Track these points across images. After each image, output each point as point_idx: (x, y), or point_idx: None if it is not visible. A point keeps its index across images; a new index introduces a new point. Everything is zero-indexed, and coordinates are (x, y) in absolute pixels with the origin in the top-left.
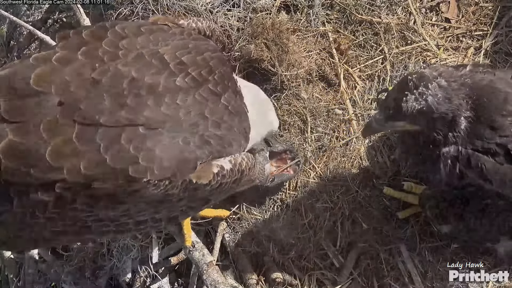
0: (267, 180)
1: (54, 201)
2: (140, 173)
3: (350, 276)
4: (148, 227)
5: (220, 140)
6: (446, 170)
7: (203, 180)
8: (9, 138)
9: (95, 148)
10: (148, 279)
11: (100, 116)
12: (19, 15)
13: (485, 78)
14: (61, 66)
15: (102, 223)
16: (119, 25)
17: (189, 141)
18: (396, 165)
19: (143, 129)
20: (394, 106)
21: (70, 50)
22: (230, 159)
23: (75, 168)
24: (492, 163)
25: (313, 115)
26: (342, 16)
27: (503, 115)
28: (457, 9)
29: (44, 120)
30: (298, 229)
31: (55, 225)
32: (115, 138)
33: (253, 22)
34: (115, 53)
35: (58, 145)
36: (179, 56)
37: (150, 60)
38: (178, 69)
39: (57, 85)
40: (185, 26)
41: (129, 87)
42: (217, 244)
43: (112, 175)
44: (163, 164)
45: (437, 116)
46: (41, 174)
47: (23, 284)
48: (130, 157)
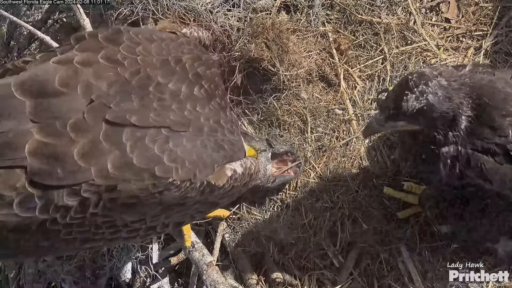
0: (268, 181)
1: (77, 206)
2: (166, 172)
3: (350, 276)
4: (154, 233)
5: (232, 146)
6: (446, 169)
7: (220, 182)
8: (35, 138)
9: (121, 148)
10: (148, 279)
11: (131, 116)
12: (19, 15)
13: (484, 78)
14: (84, 68)
15: (115, 229)
16: (132, 30)
17: (206, 145)
18: (396, 165)
19: (166, 131)
20: (394, 106)
21: (90, 52)
22: (241, 163)
23: (103, 168)
24: (491, 163)
25: (313, 115)
26: (342, 16)
27: (502, 115)
28: (457, 9)
29: (71, 120)
30: (298, 229)
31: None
32: (140, 138)
33: (253, 22)
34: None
35: (85, 144)
36: (196, 66)
37: (175, 67)
38: (195, 80)
39: (82, 86)
40: (188, 35)
41: (155, 91)
42: (217, 244)
43: (139, 176)
44: (185, 164)
45: (437, 115)
46: (69, 175)
47: (23, 284)
48: (155, 157)
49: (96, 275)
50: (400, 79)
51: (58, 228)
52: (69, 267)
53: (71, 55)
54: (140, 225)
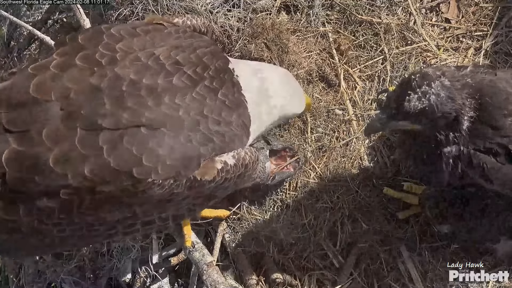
0: (268, 179)
1: (60, 207)
2: (145, 174)
3: (350, 277)
4: (155, 226)
5: (222, 137)
6: (448, 169)
7: (208, 177)
8: (12, 147)
9: (98, 152)
10: (148, 280)
11: (102, 120)
12: (19, 15)
13: (486, 78)
14: (60, 72)
15: (110, 225)
16: (114, 27)
17: (191, 139)
18: (396, 165)
19: (145, 130)
20: (396, 106)
21: (67, 56)
22: (233, 154)
23: (80, 173)
24: (493, 163)
25: (313, 115)
26: (342, 16)
27: (504, 115)
28: (457, 9)
29: (46, 128)
30: (298, 229)
31: (63, 230)
32: (117, 140)
33: (253, 23)
34: (113, 56)
35: (61, 151)
36: (174, 56)
37: (146, 61)
38: (174, 69)
39: (57, 92)
40: (180, 24)
41: (129, 90)
42: (217, 245)
43: (117, 178)
44: (166, 163)
45: (439, 116)
46: (46, 181)
47: (23, 284)
48: (133, 158)
49: (96, 275)
50: (403, 79)
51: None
52: (69, 267)
53: (49, 61)
54: (134, 220)
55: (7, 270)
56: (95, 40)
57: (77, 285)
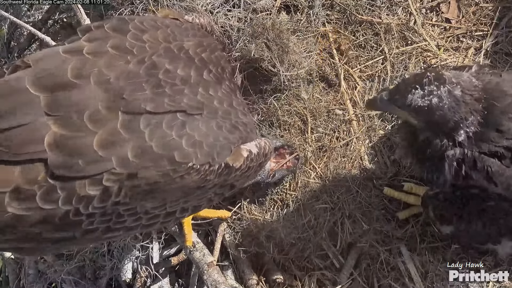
0: (268, 176)
1: (100, 195)
2: (186, 158)
3: (351, 277)
4: (173, 219)
5: (245, 127)
6: (451, 171)
7: (237, 163)
8: (53, 131)
9: (140, 136)
10: (149, 280)
11: (146, 104)
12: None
13: (492, 80)
14: (94, 58)
15: (136, 216)
16: (137, 18)
17: (222, 126)
18: (396, 165)
19: (182, 116)
20: (401, 93)
21: (98, 42)
22: (256, 143)
23: (124, 156)
24: (498, 166)
25: (313, 115)
26: (342, 16)
27: (510, 118)
28: (457, 9)
29: (88, 111)
30: (298, 230)
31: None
32: (157, 125)
33: (253, 23)
34: (142, 46)
35: (105, 134)
36: (199, 52)
37: (179, 54)
38: (202, 65)
39: (94, 76)
40: (191, 21)
41: (164, 78)
42: (218, 245)
43: (159, 162)
44: (204, 148)
45: (436, 120)
46: (89, 166)
47: (24, 284)
48: (174, 143)
49: (96, 275)
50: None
51: (81, 218)
52: (70, 267)
53: (80, 45)
54: (160, 211)
55: (7, 270)
56: (122, 30)
57: (78, 285)
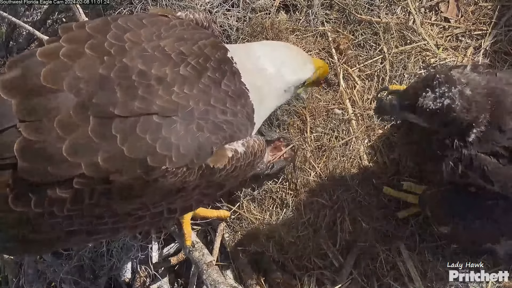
0: (267, 168)
1: (71, 197)
2: (159, 162)
3: (350, 276)
4: (163, 219)
5: (230, 125)
6: (447, 169)
7: (219, 165)
8: (23, 137)
9: (111, 141)
10: (148, 279)
11: (114, 108)
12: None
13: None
14: (70, 61)
15: (118, 217)
16: (121, 18)
17: (203, 127)
18: (395, 164)
19: (157, 118)
20: (411, 98)
21: (76, 44)
22: (243, 142)
23: (93, 162)
24: (494, 164)
25: (312, 115)
26: (341, 15)
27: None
28: (456, 8)
29: (58, 117)
30: (298, 229)
31: (71, 224)
32: (130, 129)
33: (252, 22)
34: (122, 46)
35: (74, 140)
36: (178, 46)
37: (153, 52)
38: (180, 59)
39: (68, 81)
40: (183, 17)
41: (138, 79)
42: (217, 244)
43: (130, 166)
44: (180, 151)
45: (449, 121)
46: (59, 171)
47: (23, 284)
48: (147, 146)
49: (95, 275)
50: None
51: (57, 220)
52: (69, 267)
53: (57, 48)
54: (144, 212)
55: (7, 270)
56: (103, 30)
57: (77, 285)
